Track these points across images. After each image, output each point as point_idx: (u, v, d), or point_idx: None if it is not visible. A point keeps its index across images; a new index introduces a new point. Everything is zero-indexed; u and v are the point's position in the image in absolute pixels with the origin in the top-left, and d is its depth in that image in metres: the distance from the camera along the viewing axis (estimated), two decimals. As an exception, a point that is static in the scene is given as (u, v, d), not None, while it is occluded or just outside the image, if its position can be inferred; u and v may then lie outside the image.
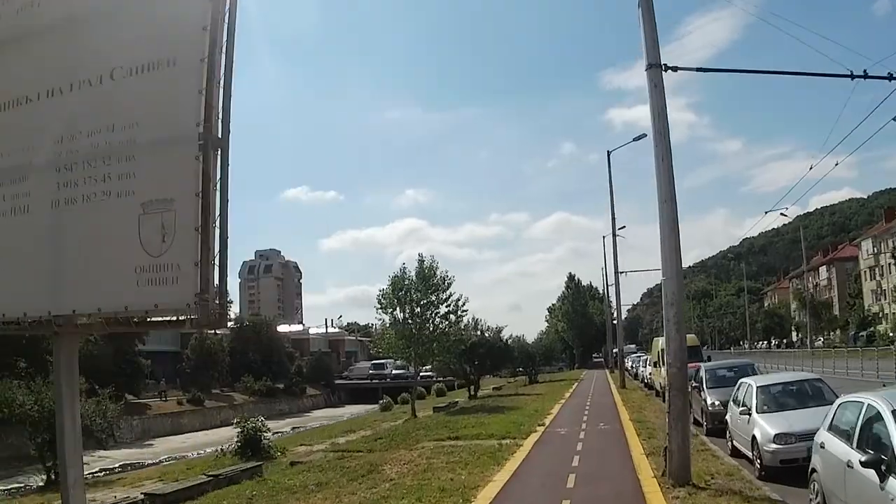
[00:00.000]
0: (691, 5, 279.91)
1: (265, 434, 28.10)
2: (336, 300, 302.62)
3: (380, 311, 41.10)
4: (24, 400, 28.00)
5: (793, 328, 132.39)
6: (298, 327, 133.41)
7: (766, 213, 58.81)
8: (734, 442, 17.65)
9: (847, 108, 17.40)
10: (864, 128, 18.60)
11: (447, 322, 41.43)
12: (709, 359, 39.44)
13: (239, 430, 27.70)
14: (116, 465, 42.53)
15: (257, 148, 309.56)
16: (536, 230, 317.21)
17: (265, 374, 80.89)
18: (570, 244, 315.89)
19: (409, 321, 40.07)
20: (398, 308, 40.24)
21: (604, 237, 67.65)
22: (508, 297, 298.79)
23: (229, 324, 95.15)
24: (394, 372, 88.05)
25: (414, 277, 40.36)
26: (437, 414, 40.45)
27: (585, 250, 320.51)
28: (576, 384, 58.13)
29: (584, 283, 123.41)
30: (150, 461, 43.52)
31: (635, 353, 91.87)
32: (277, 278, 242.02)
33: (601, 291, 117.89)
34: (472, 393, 52.31)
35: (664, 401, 33.65)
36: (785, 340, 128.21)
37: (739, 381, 18.75)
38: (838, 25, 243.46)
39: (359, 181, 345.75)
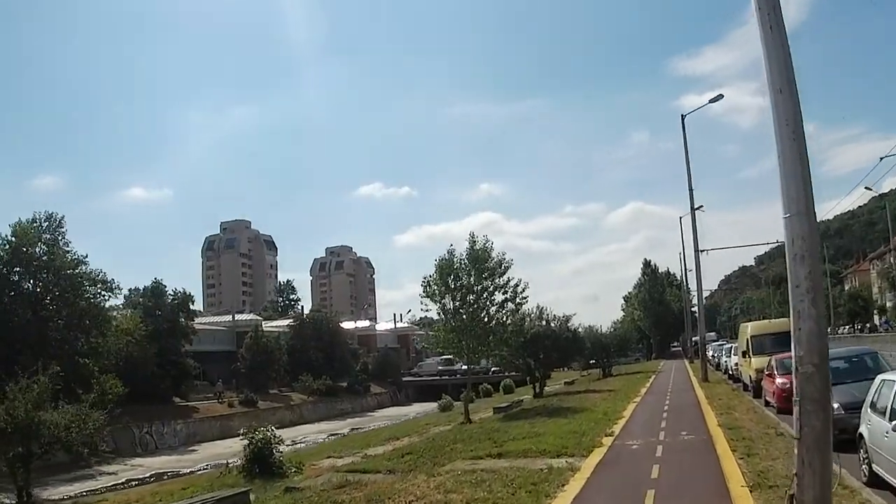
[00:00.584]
0: None
1: (277, 447, 23.74)
2: (412, 295, 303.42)
3: (426, 300, 36.20)
4: (-9, 409, 24.30)
5: (875, 312, 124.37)
6: (365, 323, 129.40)
7: (865, 188, 51.58)
8: (875, 466, 12.38)
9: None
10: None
11: (504, 311, 36.28)
12: None
13: (246, 442, 23.50)
14: (148, 475, 39.61)
15: (331, 147, 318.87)
16: (612, 220, 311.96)
17: (326, 373, 77.15)
18: (646, 233, 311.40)
19: (461, 311, 35.13)
20: (447, 296, 35.23)
21: (680, 218, 61.96)
22: (586, 288, 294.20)
23: (288, 321, 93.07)
24: (463, 367, 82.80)
25: (465, 260, 35.29)
26: (495, 416, 36.19)
27: (662, 239, 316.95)
28: (653, 377, 53.19)
29: (661, 270, 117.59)
30: (186, 469, 40.64)
31: (716, 341, 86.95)
32: (349, 274, 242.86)
33: (678, 278, 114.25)
34: (538, 391, 47.23)
35: (755, 396, 27.98)
36: (868, 325, 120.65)
37: (880, 379, 13.30)
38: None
39: (432, 176, 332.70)
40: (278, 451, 24.04)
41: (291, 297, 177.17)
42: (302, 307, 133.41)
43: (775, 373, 24.38)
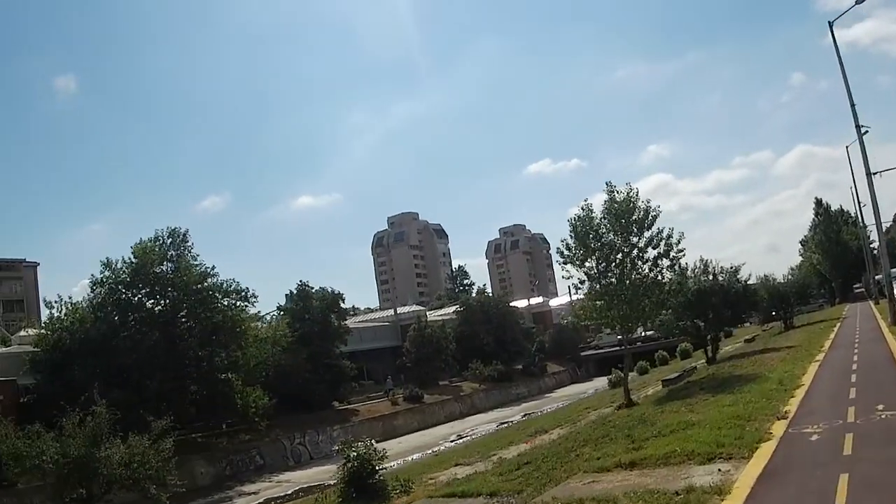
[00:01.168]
0: None
1: (378, 463, 20.40)
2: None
3: (563, 266, 32.22)
4: (46, 450, 22.57)
5: None
6: (538, 299, 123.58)
7: None
8: None
9: None
10: None
11: (659, 268, 31.38)
12: None
13: (343, 460, 20.34)
14: (291, 491, 37.04)
15: (493, 130, 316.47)
16: (781, 167, 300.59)
17: (499, 357, 74.21)
18: (816, 176, 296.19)
19: (607, 273, 30.94)
20: (590, 258, 31.02)
21: (847, 147, 56.37)
22: (764, 238, 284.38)
23: (455, 307, 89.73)
24: (645, 334, 76.91)
25: (604, 215, 30.95)
26: (661, 392, 32.62)
27: (832, 181, 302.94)
28: (837, 326, 47.43)
29: (834, 209, 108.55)
30: (333, 481, 37.86)
31: None
32: (525, 252, 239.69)
33: (853, 215, 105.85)
34: (710, 355, 42.40)
35: None
36: None
37: None
38: None
39: (599, 146, 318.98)
40: (381, 467, 20.62)
41: (465, 282, 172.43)
42: (469, 291, 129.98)
43: None
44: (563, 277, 37.02)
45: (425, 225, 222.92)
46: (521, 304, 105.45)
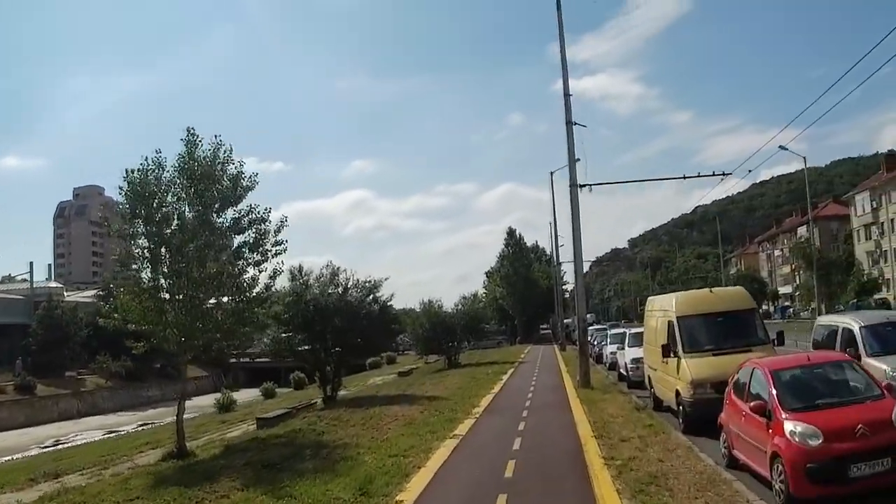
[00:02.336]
0: None
1: None
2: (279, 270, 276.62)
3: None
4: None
5: (770, 296, 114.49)
6: None
7: (722, 177, 39.84)
8: None
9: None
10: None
11: (243, 262, 20.07)
12: (779, 337, 18.42)
13: None
14: None
15: (212, 116, 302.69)
16: (484, 201, 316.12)
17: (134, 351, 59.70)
18: (518, 215, 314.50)
19: (163, 258, 18.92)
20: (144, 236, 18.91)
21: (551, 173, 52.83)
22: (457, 268, 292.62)
23: (94, 290, 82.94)
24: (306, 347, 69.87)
25: (174, 172, 19.05)
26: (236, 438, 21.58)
27: (534, 221, 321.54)
28: (510, 372, 38.03)
29: (530, 244, 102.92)
30: None
31: (594, 324, 73.55)
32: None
33: (548, 253, 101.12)
34: (329, 392, 30.58)
35: (687, 429, 16.29)
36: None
37: None
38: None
39: (307, 152, 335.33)
40: None
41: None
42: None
43: (774, 402, 10.70)
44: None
45: (110, 201, 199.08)
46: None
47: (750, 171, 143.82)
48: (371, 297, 30.94)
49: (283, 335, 29.48)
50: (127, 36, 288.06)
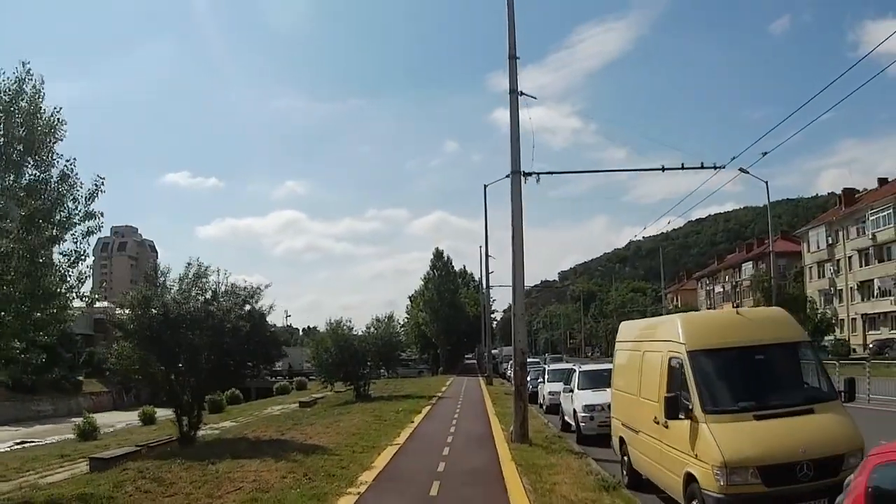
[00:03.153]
0: (587, 14, 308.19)
1: None
2: None
3: None
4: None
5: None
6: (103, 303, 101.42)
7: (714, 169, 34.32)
8: None
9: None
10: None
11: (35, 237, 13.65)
12: (849, 387, 11.10)
13: None
14: None
15: (142, 127, 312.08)
16: (415, 228, 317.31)
17: (29, 360, 51.50)
18: (448, 243, 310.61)
19: None
20: None
21: (485, 186, 49.07)
22: (385, 293, 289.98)
23: None
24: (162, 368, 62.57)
25: None
26: None
27: (463, 251, 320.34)
28: (425, 411, 31.14)
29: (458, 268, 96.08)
30: None
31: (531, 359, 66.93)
32: (131, 257, 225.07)
33: (477, 278, 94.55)
34: (186, 429, 22.75)
35: None
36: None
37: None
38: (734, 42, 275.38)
39: (241, 169, 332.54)
40: None
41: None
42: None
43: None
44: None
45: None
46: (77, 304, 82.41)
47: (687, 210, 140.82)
48: (245, 308, 23.37)
49: (132, 352, 21.86)
50: (66, 42, 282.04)
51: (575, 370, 25.74)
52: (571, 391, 23.48)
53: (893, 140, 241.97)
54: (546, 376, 33.68)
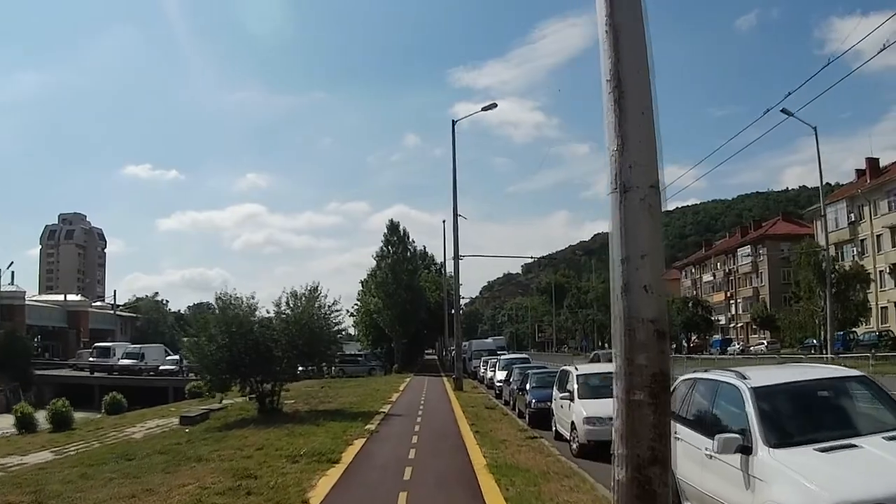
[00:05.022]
0: (548, 10, 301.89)
1: None
2: (172, 282, 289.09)
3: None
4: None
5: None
6: (75, 297, 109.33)
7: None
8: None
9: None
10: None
11: None
12: None
13: None
14: None
15: (101, 119, 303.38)
16: (375, 221, 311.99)
17: None
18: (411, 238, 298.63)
19: None
20: None
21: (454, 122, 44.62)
22: (346, 287, 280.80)
23: None
24: (121, 362, 65.62)
25: None
26: None
27: (425, 244, 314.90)
28: (356, 451, 16.79)
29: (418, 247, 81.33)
30: None
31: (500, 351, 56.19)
32: (79, 245, 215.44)
33: (438, 261, 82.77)
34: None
35: None
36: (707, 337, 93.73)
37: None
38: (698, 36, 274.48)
39: (201, 162, 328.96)
40: None
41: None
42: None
43: None
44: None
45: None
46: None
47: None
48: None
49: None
50: (28, 31, 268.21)
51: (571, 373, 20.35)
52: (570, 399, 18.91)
53: (856, 139, 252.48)
54: (528, 380, 26.63)
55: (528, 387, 25.73)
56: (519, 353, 56.54)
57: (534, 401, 23.89)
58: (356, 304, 79.30)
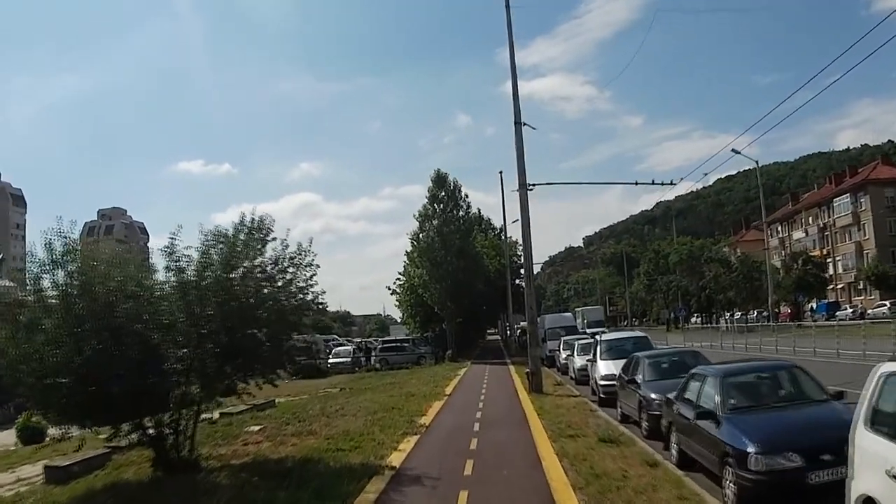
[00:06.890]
0: None
1: None
2: None
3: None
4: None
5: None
6: None
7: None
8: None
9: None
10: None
11: None
12: None
13: None
14: None
15: (151, 118, 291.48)
16: None
17: None
18: None
19: None
20: None
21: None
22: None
23: None
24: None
25: None
26: None
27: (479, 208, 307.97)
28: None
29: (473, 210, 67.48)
30: None
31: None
32: (120, 241, 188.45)
33: (499, 228, 72.14)
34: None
35: None
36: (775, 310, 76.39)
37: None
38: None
39: (253, 154, 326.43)
40: None
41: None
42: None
43: None
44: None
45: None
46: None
47: (706, 174, 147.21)
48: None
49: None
50: (64, 33, 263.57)
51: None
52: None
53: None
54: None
55: (720, 412, 10.62)
56: (629, 332, 41.98)
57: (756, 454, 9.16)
58: (398, 280, 65.60)
